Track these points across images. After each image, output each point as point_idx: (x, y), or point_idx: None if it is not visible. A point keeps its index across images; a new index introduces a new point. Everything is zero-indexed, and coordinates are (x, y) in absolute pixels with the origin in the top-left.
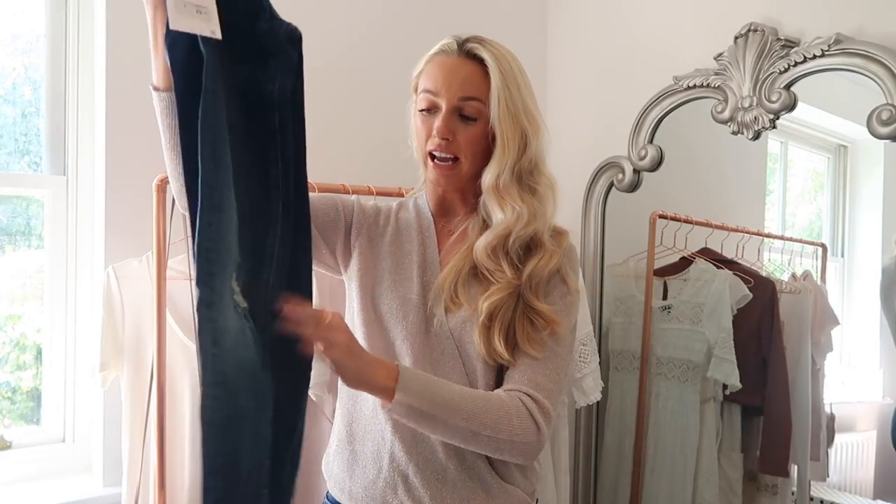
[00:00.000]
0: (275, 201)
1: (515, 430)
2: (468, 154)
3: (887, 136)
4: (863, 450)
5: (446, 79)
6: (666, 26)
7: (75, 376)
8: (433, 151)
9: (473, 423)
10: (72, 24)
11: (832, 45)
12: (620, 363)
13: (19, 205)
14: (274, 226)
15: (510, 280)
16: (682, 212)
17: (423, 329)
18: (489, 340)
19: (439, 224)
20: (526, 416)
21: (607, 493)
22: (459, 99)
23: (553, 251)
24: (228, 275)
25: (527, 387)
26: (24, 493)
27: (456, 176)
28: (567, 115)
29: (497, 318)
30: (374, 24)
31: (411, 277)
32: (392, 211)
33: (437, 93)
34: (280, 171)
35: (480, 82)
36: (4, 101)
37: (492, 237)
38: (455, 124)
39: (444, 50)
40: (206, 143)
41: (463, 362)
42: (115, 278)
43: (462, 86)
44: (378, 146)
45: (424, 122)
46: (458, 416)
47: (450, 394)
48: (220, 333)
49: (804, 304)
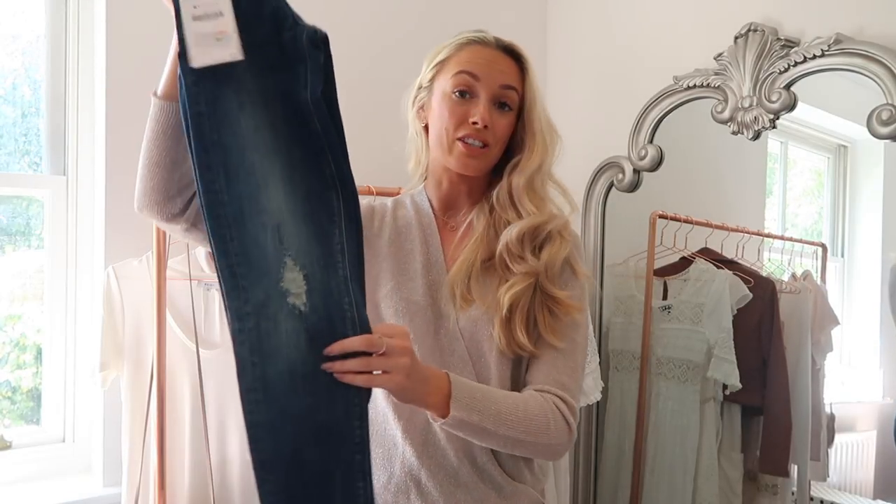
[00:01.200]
0: (335, 200)
1: (552, 434)
2: (500, 142)
3: (887, 136)
4: (863, 450)
5: (489, 66)
6: (666, 26)
7: (75, 376)
8: (468, 137)
9: (518, 432)
10: (72, 24)
11: (832, 45)
12: (620, 363)
13: (19, 205)
14: (338, 222)
15: (531, 268)
16: (682, 212)
17: (432, 331)
18: (511, 333)
19: (441, 220)
20: (560, 419)
21: (607, 493)
22: (501, 87)
23: (564, 239)
24: (273, 280)
25: (554, 387)
26: (24, 493)
27: (485, 160)
28: (567, 115)
29: (517, 310)
30: (374, 23)
31: (415, 278)
32: (388, 210)
33: (478, 77)
34: (334, 172)
35: (517, 76)
36: (4, 102)
37: (527, 225)
38: (493, 112)
39: (478, 40)
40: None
41: (473, 363)
42: (115, 278)
43: (503, 75)
44: (378, 146)
45: (457, 105)
46: (505, 427)
47: (497, 404)
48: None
49: (804, 304)
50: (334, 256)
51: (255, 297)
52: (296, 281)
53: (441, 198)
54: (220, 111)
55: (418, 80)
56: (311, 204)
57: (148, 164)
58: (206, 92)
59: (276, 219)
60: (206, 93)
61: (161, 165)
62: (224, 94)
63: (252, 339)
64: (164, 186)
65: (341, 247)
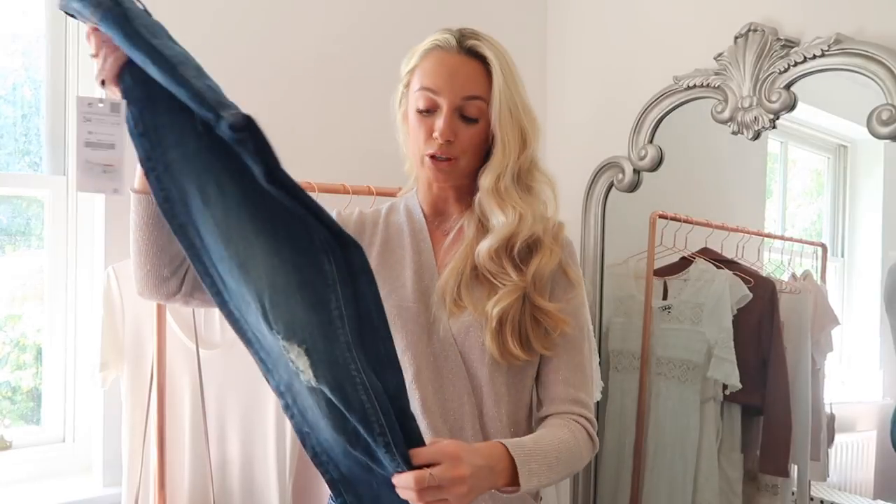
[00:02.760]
0: (327, 264)
1: (584, 457)
2: (468, 153)
3: (887, 136)
4: (863, 450)
5: (449, 78)
6: (666, 26)
7: (75, 376)
8: (434, 153)
9: (566, 471)
10: (72, 24)
11: (832, 45)
12: (620, 363)
13: (19, 205)
14: (333, 286)
15: (516, 283)
16: (681, 212)
17: (425, 337)
18: (503, 345)
19: (432, 225)
20: (587, 439)
21: (607, 493)
22: (462, 99)
23: (553, 249)
24: (285, 362)
25: (574, 406)
26: (24, 493)
27: (454, 172)
28: (567, 115)
29: (507, 323)
30: (374, 23)
31: (406, 284)
32: (381, 216)
33: (438, 92)
34: (322, 237)
35: (482, 81)
36: (4, 102)
37: (494, 241)
38: (456, 124)
39: (441, 45)
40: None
41: (466, 368)
42: (115, 278)
43: (465, 85)
44: (377, 146)
45: (423, 122)
46: (556, 474)
47: (548, 457)
48: (303, 414)
49: (804, 304)
50: (333, 324)
51: (281, 378)
52: (300, 358)
53: (431, 203)
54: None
55: (400, 85)
56: (303, 274)
57: (137, 253)
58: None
59: (263, 303)
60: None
61: (149, 253)
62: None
63: (296, 413)
64: (157, 272)
65: (339, 312)
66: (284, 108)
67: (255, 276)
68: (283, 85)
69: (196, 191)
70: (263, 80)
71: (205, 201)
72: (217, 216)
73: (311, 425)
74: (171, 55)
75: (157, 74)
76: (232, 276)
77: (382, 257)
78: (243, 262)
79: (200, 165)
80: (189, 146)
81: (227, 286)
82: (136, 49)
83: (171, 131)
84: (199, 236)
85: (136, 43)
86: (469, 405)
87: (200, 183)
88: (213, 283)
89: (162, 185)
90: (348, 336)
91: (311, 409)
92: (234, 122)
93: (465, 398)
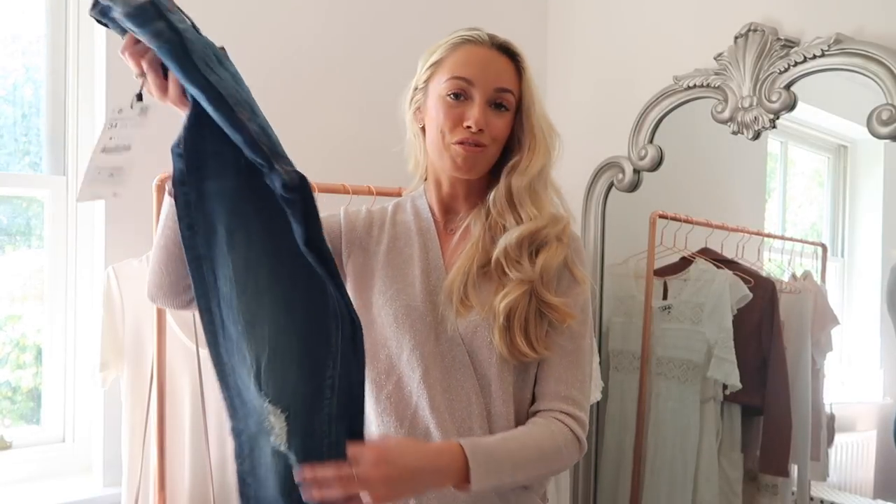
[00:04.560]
0: (335, 330)
1: (565, 458)
2: (497, 142)
3: (887, 136)
4: (863, 450)
5: (483, 68)
6: (666, 26)
7: (75, 376)
8: (464, 141)
9: (535, 470)
10: (72, 24)
11: (832, 45)
12: (620, 363)
13: (19, 205)
14: (334, 353)
15: (527, 274)
16: (682, 212)
17: (433, 337)
18: (511, 341)
19: (440, 224)
20: (572, 440)
21: (607, 493)
22: (496, 90)
23: (561, 243)
24: (259, 418)
25: (563, 404)
26: (24, 493)
27: (482, 160)
28: (567, 114)
29: (514, 318)
30: (374, 24)
31: (413, 284)
32: (388, 214)
33: (472, 81)
34: (337, 307)
35: (513, 76)
36: (5, 102)
37: (527, 230)
38: (488, 114)
39: (471, 39)
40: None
41: (474, 367)
42: (115, 278)
43: (499, 76)
44: (378, 146)
45: (452, 108)
46: (523, 473)
47: (512, 456)
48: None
49: (804, 304)
50: (323, 394)
51: (247, 427)
52: (279, 422)
53: (440, 200)
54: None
55: (414, 82)
56: (307, 343)
57: (165, 259)
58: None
59: (259, 364)
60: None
61: (179, 262)
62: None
63: (246, 462)
64: (182, 281)
65: (332, 381)
66: (284, 108)
67: (259, 335)
68: (283, 84)
69: (224, 231)
70: (263, 80)
71: (230, 245)
72: (238, 263)
73: (257, 479)
74: (228, 94)
75: (213, 112)
76: (236, 327)
77: (390, 256)
78: (251, 319)
79: (234, 207)
80: (228, 181)
81: (226, 332)
82: (192, 83)
83: (213, 160)
84: (214, 275)
85: (194, 77)
86: (477, 404)
87: (230, 225)
88: (211, 322)
89: (190, 213)
90: (332, 408)
91: (265, 465)
92: (288, 181)
93: (473, 398)
